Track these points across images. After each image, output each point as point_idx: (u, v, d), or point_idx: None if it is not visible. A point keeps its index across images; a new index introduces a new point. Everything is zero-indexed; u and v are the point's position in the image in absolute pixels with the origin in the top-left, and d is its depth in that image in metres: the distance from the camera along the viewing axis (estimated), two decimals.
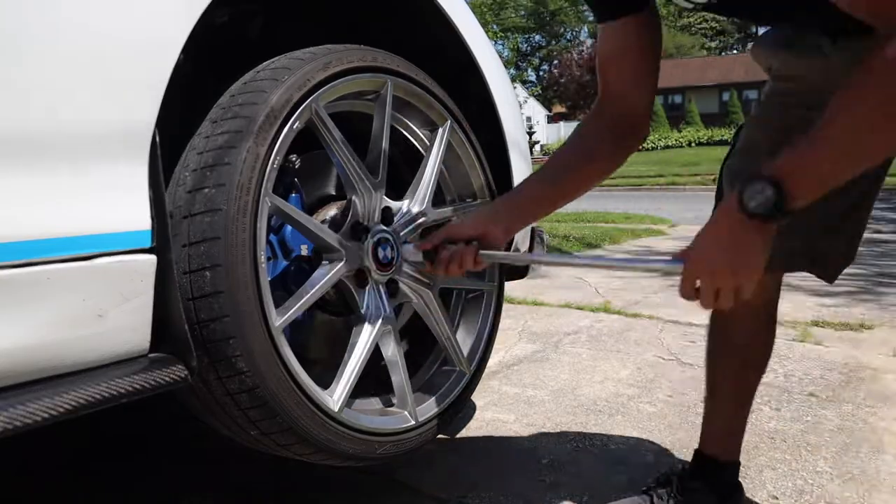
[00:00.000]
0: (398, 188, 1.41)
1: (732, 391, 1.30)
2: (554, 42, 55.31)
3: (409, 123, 1.44)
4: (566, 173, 1.21)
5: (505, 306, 1.77)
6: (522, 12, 50.52)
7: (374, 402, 1.37)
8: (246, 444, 1.14)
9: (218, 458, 1.60)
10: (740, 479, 1.33)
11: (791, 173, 0.83)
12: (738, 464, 1.31)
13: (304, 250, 1.29)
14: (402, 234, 1.33)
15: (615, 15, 1.09)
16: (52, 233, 0.82)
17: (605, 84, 1.16)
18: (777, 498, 1.37)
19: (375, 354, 1.28)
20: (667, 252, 5.20)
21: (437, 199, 1.46)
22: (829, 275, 1.21)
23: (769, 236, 0.87)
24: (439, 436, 1.43)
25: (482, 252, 1.16)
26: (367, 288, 1.27)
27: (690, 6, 1.04)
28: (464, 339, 1.50)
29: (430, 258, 1.21)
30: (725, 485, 1.29)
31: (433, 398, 1.38)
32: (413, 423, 1.29)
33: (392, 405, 1.33)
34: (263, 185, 1.05)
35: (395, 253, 1.30)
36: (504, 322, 2.39)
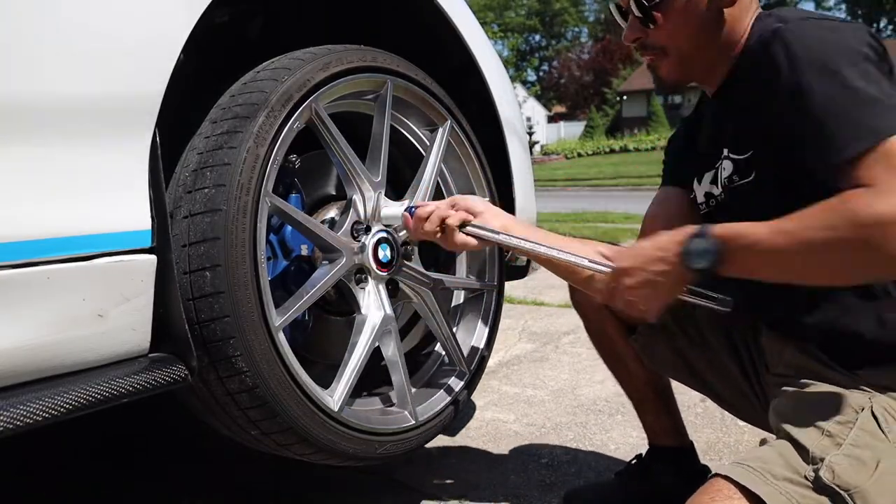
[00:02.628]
0: (398, 188, 1.41)
1: (649, 392, 1.33)
2: (554, 42, 55.30)
3: (409, 123, 1.43)
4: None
5: (505, 306, 1.77)
6: (524, 11, 50.51)
7: (375, 402, 1.37)
8: (246, 444, 1.14)
9: (218, 458, 1.60)
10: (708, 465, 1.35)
11: (737, 249, 0.87)
12: (692, 445, 1.34)
13: (304, 250, 1.29)
14: (401, 233, 1.33)
15: (672, 182, 1.23)
16: (53, 233, 0.82)
17: (643, 230, 1.23)
18: None
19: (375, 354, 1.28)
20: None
21: (438, 198, 1.46)
22: None
23: (684, 283, 0.94)
24: (439, 436, 1.43)
25: (471, 223, 1.09)
26: (367, 288, 1.27)
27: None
28: (464, 339, 1.50)
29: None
30: (688, 470, 1.32)
31: (433, 398, 1.38)
32: (413, 422, 1.29)
33: (392, 405, 1.33)
34: (263, 186, 1.05)
35: (395, 253, 1.30)
36: (504, 322, 2.39)
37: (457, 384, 1.42)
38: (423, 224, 1.13)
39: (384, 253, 1.27)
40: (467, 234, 1.10)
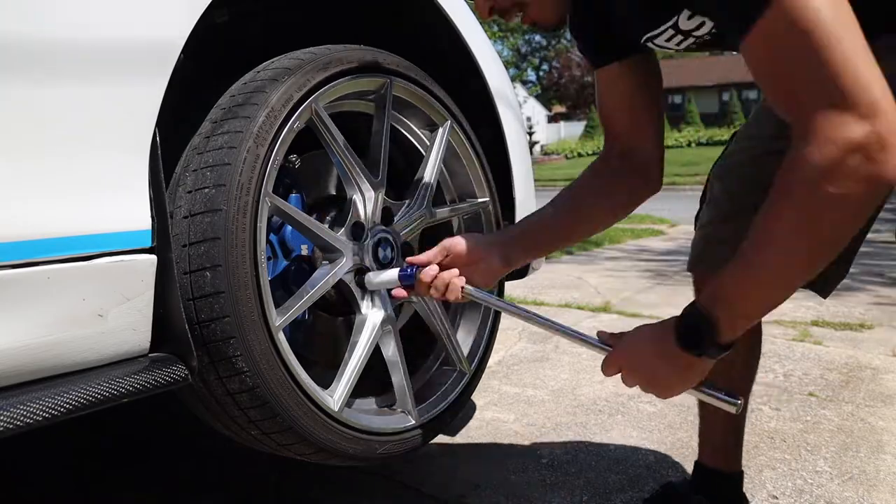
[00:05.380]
0: (398, 188, 1.41)
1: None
2: (554, 42, 55.30)
3: (409, 123, 1.44)
4: (575, 210, 1.16)
5: None
6: None
7: (375, 402, 1.37)
8: (246, 443, 1.14)
9: (218, 458, 1.60)
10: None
11: (724, 311, 0.80)
12: (741, 474, 1.28)
13: (305, 250, 1.29)
14: (401, 233, 1.33)
15: (606, 60, 1.12)
16: (53, 233, 0.82)
17: (606, 128, 1.17)
18: (777, 498, 1.37)
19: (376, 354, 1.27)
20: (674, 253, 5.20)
21: (438, 198, 1.46)
22: (824, 291, 1.21)
23: (700, 368, 0.86)
24: (439, 436, 1.43)
25: (467, 288, 1.09)
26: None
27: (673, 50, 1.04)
28: (464, 339, 1.50)
29: (409, 282, 1.13)
30: (728, 498, 1.26)
31: (433, 398, 1.38)
32: (413, 422, 1.29)
33: (392, 405, 1.33)
34: (263, 185, 1.05)
35: (395, 253, 1.30)
36: (504, 322, 2.38)
37: (457, 384, 1.42)
38: (424, 289, 1.11)
39: (384, 253, 1.27)
40: (466, 297, 1.10)
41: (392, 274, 1.17)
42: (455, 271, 1.09)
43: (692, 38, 0.96)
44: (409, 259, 1.15)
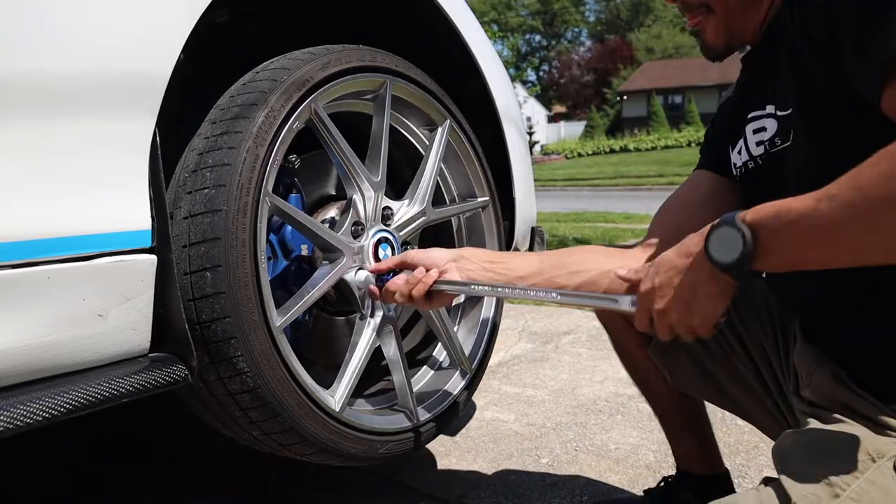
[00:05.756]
0: (398, 188, 1.41)
1: (674, 414, 1.23)
2: (554, 42, 55.34)
3: (409, 123, 1.44)
4: (568, 257, 1.06)
5: (505, 306, 1.77)
6: (525, 12, 50.53)
7: (376, 402, 1.37)
8: (247, 443, 1.14)
9: (218, 458, 1.60)
10: (741, 479, 1.32)
11: (775, 230, 0.68)
12: (727, 473, 1.24)
13: (305, 250, 1.29)
14: (401, 233, 1.33)
15: (708, 165, 1.11)
16: (53, 233, 0.82)
17: (656, 223, 1.11)
18: None
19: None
20: None
21: (438, 198, 1.46)
22: None
23: (728, 290, 0.76)
24: (439, 436, 1.43)
25: (439, 281, 1.05)
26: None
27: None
28: (465, 339, 1.50)
29: (381, 283, 1.13)
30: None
31: (434, 398, 1.38)
32: (414, 422, 1.29)
33: (393, 404, 1.33)
34: (263, 186, 1.05)
35: (395, 252, 1.30)
36: (504, 322, 2.39)
37: (457, 384, 1.42)
38: (392, 297, 1.11)
39: (384, 253, 1.27)
40: (440, 291, 1.07)
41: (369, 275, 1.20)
42: (420, 281, 1.06)
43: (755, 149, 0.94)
44: (369, 269, 1.20)
